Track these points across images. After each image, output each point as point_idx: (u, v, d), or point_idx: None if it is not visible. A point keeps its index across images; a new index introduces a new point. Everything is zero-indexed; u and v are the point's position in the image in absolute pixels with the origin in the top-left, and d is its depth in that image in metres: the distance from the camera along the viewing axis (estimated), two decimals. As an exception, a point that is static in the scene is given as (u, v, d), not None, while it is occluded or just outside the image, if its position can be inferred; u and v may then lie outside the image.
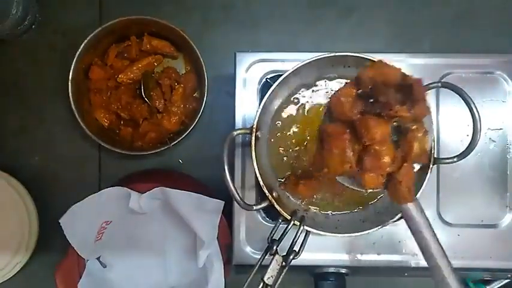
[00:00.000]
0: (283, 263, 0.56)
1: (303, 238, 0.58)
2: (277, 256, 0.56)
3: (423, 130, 0.50)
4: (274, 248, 0.56)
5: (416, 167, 0.54)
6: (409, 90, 0.47)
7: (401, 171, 0.49)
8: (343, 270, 0.66)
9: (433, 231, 0.52)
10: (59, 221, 0.64)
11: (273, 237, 0.57)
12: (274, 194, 0.59)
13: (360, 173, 0.50)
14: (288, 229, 0.57)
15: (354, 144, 0.49)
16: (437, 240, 0.52)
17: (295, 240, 0.57)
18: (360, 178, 0.50)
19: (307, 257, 0.64)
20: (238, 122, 0.66)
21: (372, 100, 0.50)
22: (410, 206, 0.52)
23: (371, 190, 0.53)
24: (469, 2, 0.83)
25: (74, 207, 0.64)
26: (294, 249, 0.57)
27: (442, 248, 0.52)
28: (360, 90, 0.50)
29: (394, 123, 0.50)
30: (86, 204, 0.65)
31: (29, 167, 0.83)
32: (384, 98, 0.48)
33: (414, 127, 0.49)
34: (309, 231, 0.58)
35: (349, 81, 0.53)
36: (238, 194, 0.54)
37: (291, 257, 0.56)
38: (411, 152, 0.49)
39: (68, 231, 0.64)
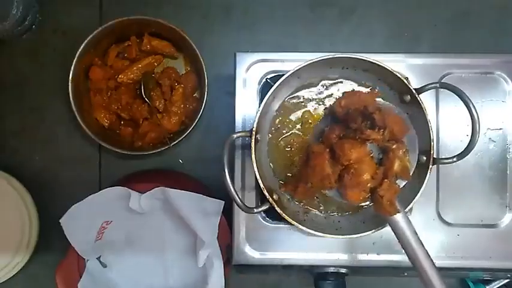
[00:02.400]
0: None
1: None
2: None
3: (403, 149, 0.55)
4: None
5: (401, 183, 0.57)
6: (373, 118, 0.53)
7: (383, 187, 0.53)
8: (343, 270, 0.66)
9: (420, 242, 0.54)
10: (59, 221, 0.63)
11: None
12: (274, 197, 0.59)
13: (343, 189, 0.54)
14: None
15: (335, 164, 0.54)
16: (425, 250, 0.54)
17: None
18: (344, 194, 0.54)
19: (307, 257, 0.64)
20: (238, 122, 0.66)
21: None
22: (397, 217, 0.54)
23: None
24: (469, 2, 0.83)
25: (74, 207, 0.64)
26: None
27: (429, 256, 0.54)
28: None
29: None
30: (86, 204, 0.65)
31: (29, 167, 0.83)
32: (354, 124, 0.54)
33: (394, 146, 0.54)
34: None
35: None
36: (239, 197, 0.54)
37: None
38: (392, 169, 0.54)
39: (68, 231, 0.64)
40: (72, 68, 0.75)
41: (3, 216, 0.76)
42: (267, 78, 0.67)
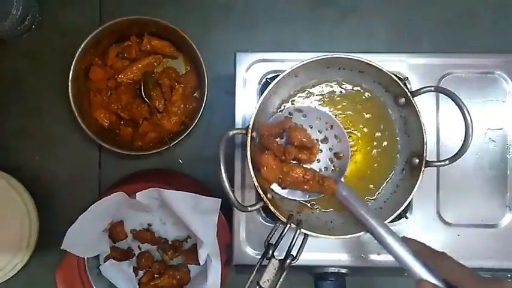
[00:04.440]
0: (282, 267, 0.56)
1: (300, 242, 0.57)
2: (273, 260, 0.56)
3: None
4: (270, 252, 0.56)
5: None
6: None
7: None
8: (343, 270, 0.66)
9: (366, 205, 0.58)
10: (61, 248, 0.63)
11: (270, 241, 0.58)
12: (268, 195, 0.58)
13: None
14: (284, 233, 0.57)
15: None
16: (374, 214, 0.57)
17: (292, 244, 0.57)
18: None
19: (307, 257, 0.64)
20: (238, 122, 0.66)
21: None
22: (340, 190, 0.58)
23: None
24: (469, 2, 0.83)
25: (70, 230, 0.63)
26: (291, 253, 0.56)
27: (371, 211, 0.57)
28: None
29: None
30: (81, 221, 0.64)
31: (29, 167, 0.83)
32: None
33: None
34: (307, 235, 0.58)
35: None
36: (233, 194, 0.53)
37: (288, 261, 0.56)
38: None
39: (73, 250, 0.64)
40: (72, 68, 0.75)
41: (3, 217, 0.76)
42: (267, 78, 0.67)
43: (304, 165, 0.60)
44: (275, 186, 0.60)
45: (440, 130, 0.66)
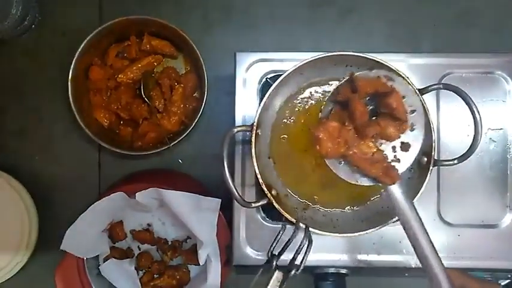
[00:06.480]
0: (285, 279, 0.55)
1: (305, 249, 0.55)
2: (277, 273, 0.54)
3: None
4: (274, 263, 0.55)
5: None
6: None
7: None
8: (343, 271, 0.66)
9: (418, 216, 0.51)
10: (60, 248, 0.63)
11: (273, 252, 0.56)
12: (273, 192, 0.58)
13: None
14: (288, 243, 0.56)
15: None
16: (421, 221, 0.51)
17: (297, 253, 0.55)
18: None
19: (308, 257, 0.64)
20: (238, 121, 0.66)
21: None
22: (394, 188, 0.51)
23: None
24: (469, 2, 0.83)
25: (70, 229, 0.63)
26: (295, 263, 0.55)
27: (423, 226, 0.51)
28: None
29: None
30: (81, 221, 0.64)
31: (29, 167, 0.83)
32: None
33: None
34: (311, 242, 0.56)
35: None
36: (237, 191, 0.53)
37: (292, 272, 0.54)
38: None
39: (73, 250, 0.64)
40: (71, 67, 0.75)
41: (2, 216, 0.76)
42: (267, 78, 0.67)
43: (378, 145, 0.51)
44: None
45: (440, 130, 0.66)
